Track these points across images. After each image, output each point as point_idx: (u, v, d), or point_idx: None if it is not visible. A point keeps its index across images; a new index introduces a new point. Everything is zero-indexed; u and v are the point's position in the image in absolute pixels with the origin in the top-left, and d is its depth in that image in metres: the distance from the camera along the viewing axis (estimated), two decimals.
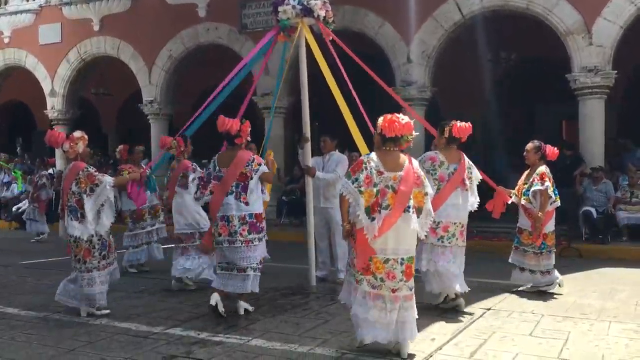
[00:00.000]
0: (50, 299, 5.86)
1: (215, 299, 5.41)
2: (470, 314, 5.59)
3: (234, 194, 5.47)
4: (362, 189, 4.20)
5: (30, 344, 4.78)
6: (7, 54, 17.11)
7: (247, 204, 5.47)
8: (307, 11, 6.74)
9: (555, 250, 6.67)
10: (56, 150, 15.46)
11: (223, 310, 5.41)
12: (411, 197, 4.24)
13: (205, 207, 6.29)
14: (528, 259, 6.53)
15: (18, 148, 18.57)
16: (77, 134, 5.76)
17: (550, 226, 6.54)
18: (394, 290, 4.25)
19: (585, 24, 10.76)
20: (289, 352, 4.48)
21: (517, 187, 6.68)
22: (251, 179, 5.50)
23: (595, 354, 4.43)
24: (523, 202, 6.51)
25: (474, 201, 5.83)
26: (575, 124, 11.43)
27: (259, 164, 5.58)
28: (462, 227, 5.74)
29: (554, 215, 6.61)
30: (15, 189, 15.08)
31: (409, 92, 11.91)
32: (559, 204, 6.60)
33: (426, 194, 4.36)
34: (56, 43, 16.23)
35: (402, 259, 4.27)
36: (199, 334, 4.96)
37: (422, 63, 12.08)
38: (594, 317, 5.51)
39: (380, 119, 4.36)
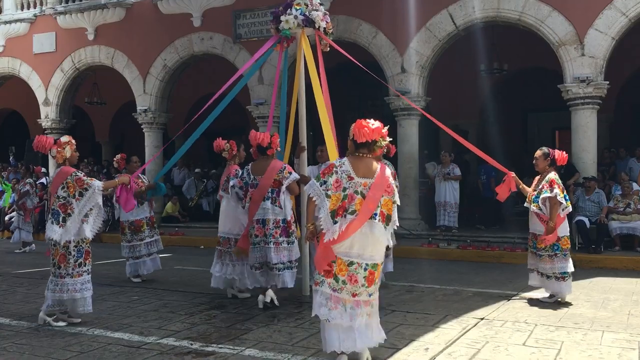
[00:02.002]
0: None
1: (266, 297, 6.17)
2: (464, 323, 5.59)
3: (270, 199, 6.16)
4: (330, 192, 4.21)
5: (22, 354, 4.75)
6: (1, 63, 17.07)
7: (281, 207, 6.15)
8: (309, 22, 6.79)
9: (569, 254, 6.63)
10: (49, 158, 15.46)
11: (270, 299, 6.19)
12: (379, 204, 4.21)
13: None
14: (543, 263, 6.56)
15: (11, 157, 18.52)
16: (65, 138, 5.76)
17: (563, 230, 6.56)
18: (354, 295, 4.22)
19: (577, 35, 10.86)
20: None
21: (527, 194, 6.73)
22: (282, 185, 6.16)
23: None
24: (533, 208, 6.56)
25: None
26: (568, 134, 11.50)
27: (290, 172, 6.26)
28: None
29: (567, 220, 6.68)
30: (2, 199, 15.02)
31: (403, 102, 11.95)
32: (571, 209, 6.74)
33: (394, 202, 4.31)
34: (50, 52, 16.23)
35: (367, 264, 4.22)
36: (192, 344, 4.94)
37: (416, 73, 12.14)
38: (587, 326, 5.52)
39: (352, 125, 4.33)
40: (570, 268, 6.52)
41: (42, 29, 16.37)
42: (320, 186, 4.23)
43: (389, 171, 4.37)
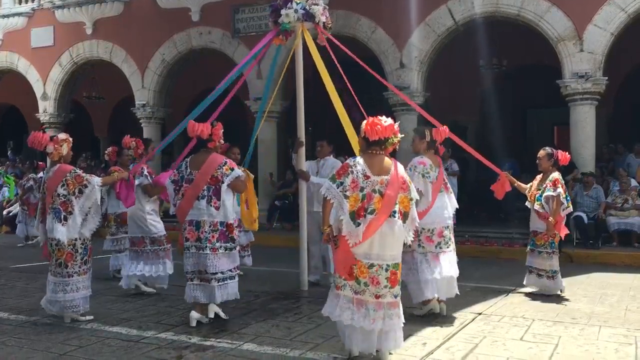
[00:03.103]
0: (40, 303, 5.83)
1: (194, 318, 5.33)
2: (456, 318, 5.61)
3: (206, 198, 5.30)
4: (348, 193, 4.12)
5: (21, 348, 4.75)
6: None
7: (218, 208, 5.28)
8: (309, 16, 6.79)
9: (557, 251, 6.71)
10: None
11: (207, 319, 5.41)
12: (397, 201, 4.16)
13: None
14: (541, 259, 6.63)
15: (9, 152, 18.50)
16: (62, 135, 5.69)
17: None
18: (377, 297, 4.12)
19: (576, 30, 10.85)
20: (281, 356, 4.48)
21: (530, 193, 6.78)
22: (222, 182, 5.31)
23: (585, 359, 4.45)
24: (536, 207, 6.61)
25: (454, 201, 5.90)
26: (567, 130, 11.51)
27: (231, 168, 5.38)
28: (451, 229, 5.79)
29: (565, 220, 6.76)
30: (7, 192, 15.00)
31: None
32: (571, 210, 6.85)
33: (411, 199, 4.27)
34: (49, 46, 16.19)
35: (388, 265, 4.16)
36: (190, 338, 4.95)
37: (415, 68, 12.13)
38: (585, 321, 5.53)
39: (364, 123, 4.31)
40: (557, 265, 6.65)
41: (40, 22, 16.32)
42: (337, 188, 4.14)
43: (402, 167, 4.35)
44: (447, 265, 5.59)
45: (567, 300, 6.49)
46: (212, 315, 5.43)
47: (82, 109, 19.42)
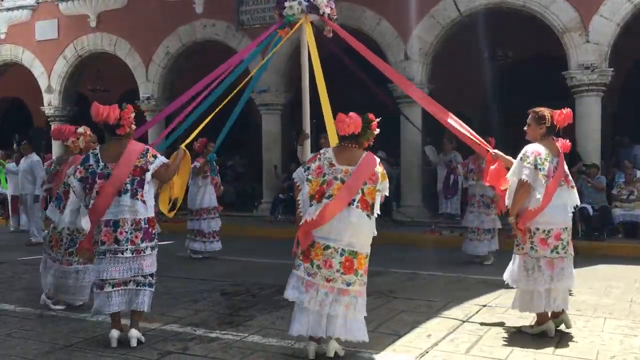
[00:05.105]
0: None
1: (114, 337, 4.59)
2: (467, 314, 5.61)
3: (130, 192, 4.58)
4: (310, 177, 4.31)
5: (27, 340, 4.78)
6: (3, 50, 17.05)
7: (145, 202, 4.63)
8: (313, 8, 6.77)
9: None
10: (52, 147, 15.47)
11: (133, 337, 4.61)
12: (360, 191, 4.24)
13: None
14: None
15: (14, 145, 18.52)
16: (81, 129, 5.89)
17: None
18: (328, 280, 4.18)
19: (582, 21, 10.78)
20: (286, 348, 4.50)
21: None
22: (148, 171, 4.65)
23: (590, 350, 4.45)
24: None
25: (576, 197, 5.02)
26: (572, 122, 11.43)
27: (155, 155, 4.74)
28: (569, 231, 4.97)
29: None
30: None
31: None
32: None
33: (379, 190, 4.32)
34: (53, 39, 16.19)
35: (343, 250, 4.21)
36: (195, 330, 4.97)
37: (420, 60, 12.09)
38: (590, 313, 5.53)
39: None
40: None
41: (44, 15, 16.31)
42: (304, 172, 4.35)
43: (376, 162, 4.37)
44: (563, 273, 4.86)
45: (572, 292, 6.47)
46: (134, 344, 4.55)
47: (86, 102, 19.40)
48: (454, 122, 6.01)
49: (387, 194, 4.42)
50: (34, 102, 18.30)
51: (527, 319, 5.27)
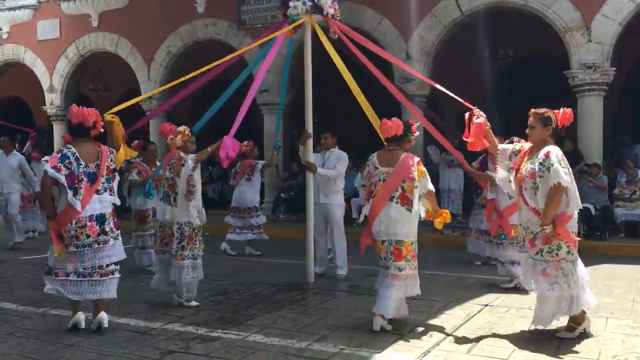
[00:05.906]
0: (48, 294, 5.84)
1: (79, 319, 4.95)
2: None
3: (108, 189, 4.97)
4: (363, 182, 5.21)
5: (29, 339, 4.79)
6: (5, 50, 17.07)
7: (114, 197, 5.02)
8: (317, 8, 6.77)
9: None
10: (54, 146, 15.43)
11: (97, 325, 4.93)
12: (400, 189, 4.89)
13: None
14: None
15: (16, 144, 18.53)
16: (181, 128, 6.18)
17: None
18: (387, 268, 4.98)
19: (584, 20, 10.77)
20: (287, 347, 4.50)
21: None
22: (115, 170, 5.08)
23: (592, 350, 4.44)
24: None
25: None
26: (574, 121, 11.43)
27: (112, 152, 5.14)
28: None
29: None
30: None
31: (408, 88, 11.91)
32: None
33: (416, 187, 4.93)
34: (55, 39, 16.22)
35: (391, 240, 4.94)
36: (197, 330, 4.98)
37: (421, 59, 12.09)
38: (591, 313, 5.51)
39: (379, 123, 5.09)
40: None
41: (46, 15, 16.34)
42: (361, 179, 5.33)
43: (414, 161, 4.94)
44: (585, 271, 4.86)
45: None
46: (106, 324, 4.92)
47: (88, 102, 19.43)
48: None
49: (431, 189, 5.02)
50: (36, 102, 18.32)
51: (527, 319, 5.26)
